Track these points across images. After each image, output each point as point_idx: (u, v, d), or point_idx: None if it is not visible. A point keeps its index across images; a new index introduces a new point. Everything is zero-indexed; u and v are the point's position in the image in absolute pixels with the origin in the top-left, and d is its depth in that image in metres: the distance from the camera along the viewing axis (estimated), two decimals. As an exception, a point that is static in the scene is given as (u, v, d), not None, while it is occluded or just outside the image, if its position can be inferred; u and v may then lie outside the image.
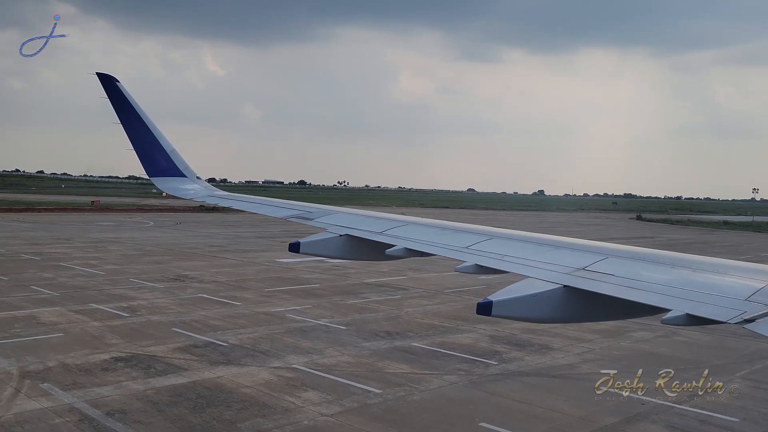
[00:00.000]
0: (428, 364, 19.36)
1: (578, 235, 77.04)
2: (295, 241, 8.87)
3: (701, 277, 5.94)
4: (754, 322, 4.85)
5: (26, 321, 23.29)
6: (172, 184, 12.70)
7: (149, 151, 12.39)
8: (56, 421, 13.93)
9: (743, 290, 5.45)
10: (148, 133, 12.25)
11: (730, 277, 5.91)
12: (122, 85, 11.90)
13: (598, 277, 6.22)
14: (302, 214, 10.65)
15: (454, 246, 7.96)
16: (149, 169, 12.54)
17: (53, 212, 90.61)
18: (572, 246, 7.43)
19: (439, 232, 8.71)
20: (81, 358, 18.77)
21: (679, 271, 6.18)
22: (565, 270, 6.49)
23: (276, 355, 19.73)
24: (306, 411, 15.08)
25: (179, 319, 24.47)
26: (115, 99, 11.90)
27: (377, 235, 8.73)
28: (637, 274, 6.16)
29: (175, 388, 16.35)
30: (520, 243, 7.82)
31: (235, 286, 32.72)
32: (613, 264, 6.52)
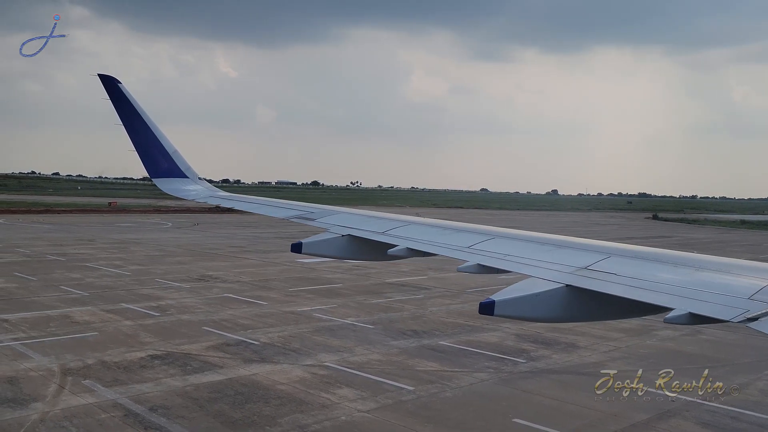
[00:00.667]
0: (457, 362, 19.64)
1: (597, 235, 77.06)
2: (297, 241, 8.94)
3: (704, 276, 5.93)
4: (757, 320, 4.83)
5: (60, 320, 23.81)
6: (174, 185, 12.74)
7: (151, 152, 12.45)
8: (102, 416, 14.37)
9: (746, 289, 5.42)
10: (150, 134, 12.30)
11: (733, 276, 5.90)
12: (124, 86, 11.99)
13: (601, 276, 6.22)
14: (304, 215, 10.71)
15: (456, 246, 7.96)
16: (151, 170, 12.61)
17: (71, 214, 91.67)
18: (574, 245, 7.42)
19: (440, 231, 8.72)
20: (118, 356, 19.23)
21: (682, 269, 6.18)
22: (567, 269, 6.49)
23: (307, 354, 20.08)
24: (342, 407, 15.42)
25: (209, 318, 24.91)
26: (117, 100, 11.97)
27: (379, 235, 8.75)
28: (640, 273, 6.16)
29: (213, 385, 16.75)
30: (522, 242, 7.82)
31: (259, 285, 33.14)
32: (615, 263, 6.52)
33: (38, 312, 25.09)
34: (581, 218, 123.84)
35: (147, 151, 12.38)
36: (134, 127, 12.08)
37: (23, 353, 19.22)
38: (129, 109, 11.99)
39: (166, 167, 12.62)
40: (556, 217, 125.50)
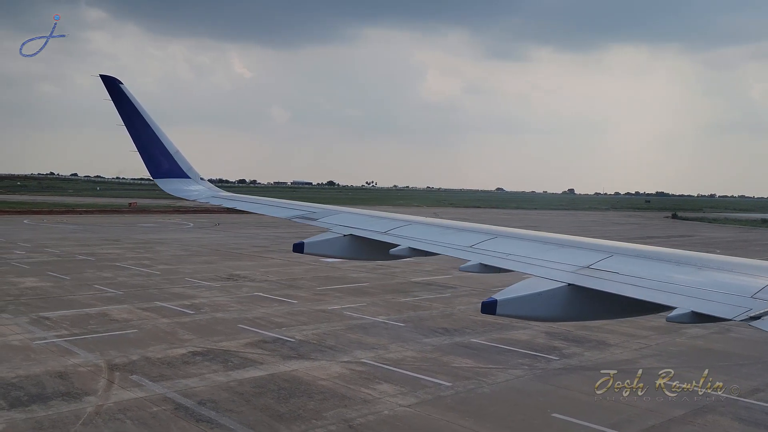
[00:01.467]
0: (491, 359, 19.98)
1: (617, 234, 76.94)
2: (300, 241, 8.94)
3: (706, 275, 5.94)
4: (759, 319, 4.82)
5: (99, 318, 24.43)
6: (175, 185, 12.74)
7: (153, 152, 12.46)
8: (154, 410, 14.88)
9: (748, 287, 5.40)
10: (152, 134, 12.32)
11: (735, 275, 5.88)
12: (126, 87, 12.01)
13: (603, 275, 6.21)
14: (306, 215, 10.71)
15: (458, 245, 7.94)
16: (153, 170, 12.60)
17: (93, 214, 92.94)
18: (576, 244, 7.40)
19: (442, 231, 8.71)
20: (160, 352, 19.77)
21: (684, 268, 6.18)
22: (569, 268, 6.48)
23: (343, 350, 20.51)
24: (384, 402, 15.83)
25: (242, 316, 25.42)
26: (119, 101, 12.00)
27: (381, 235, 8.75)
28: (642, 272, 6.16)
29: (256, 380, 17.22)
30: (524, 242, 7.81)
31: (287, 285, 33.64)
32: (617, 262, 6.51)
33: (77, 310, 25.74)
34: (599, 217, 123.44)
35: (149, 152, 12.42)
36: (136, 127, 12.14)
37: (69, 350, 19.81)
38: (131, 110, 12.05)
39: (168, 168, 12.64)
40: (575, 216, 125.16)
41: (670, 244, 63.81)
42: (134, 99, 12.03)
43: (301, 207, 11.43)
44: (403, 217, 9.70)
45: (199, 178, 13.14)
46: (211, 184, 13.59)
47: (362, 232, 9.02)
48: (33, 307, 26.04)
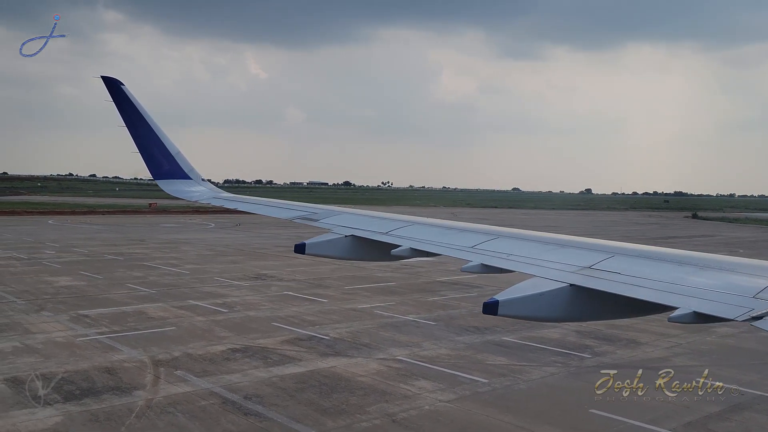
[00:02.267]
0: (524, 357, 20.26)
1: (638, 234, 76.69)
2: (301, 242, 8.96)
3: (708, 275, 5.92)
4: (761, 319, 4.81)
5: (137, 316, 25.02)
6: (177, 186, 12.75)
7: (154, 153, 12.46)
8: (202, 403, 15.35)
9: (751, 287, 5.38)
10: (153, 135, 12.33)
11: (737, 275, 5.86)
12: (127, 88, 12.05)
13: (605, 275, 6.20)
14: (307, 215, 10.74)
15: (460, 246, 7.93)
16: (154, 171, 12.61)
17: (114, 215, 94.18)
18: (578, 244, 7.40)
19: (444, 231, 8.70)
20: (200, 349, 20.27)
21: (686, 268, 6.15)
22: (571, 269, 6.48)
23: (378, 348, 20.90)
24: (424, 397, 16.19)
25: (275, 314, 25.89)
26: (120, 102, 12.03)
27: (382, 236, 8.74)
28: (644, 272, 6.15)
29: (297, 376, 17.65)
30: (525, 242, 7.80)
31: (315, 284, 34.09)
32: (619, 262, 6.50)
33: (114, 308, 26.35)
34: (618, 217, 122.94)
35: (150, 153, 12.43)
36: (137, 128, 12.17)
37: (112, 346, 20.38)
38: (132, 111, 12.07)
39: (169, 169, 12.63)
40: (594, 216, 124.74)
41: (692, 244, 63.58)
42: (135, 100, 12.10)
43: (302, 208, 11.47)
44: (404, 217, 9.70)
45: (201, 178, 13.18)
46: (212, 185, 13.61)
47: (363, 232, 9.01)
48: (71, 306, 26.69)
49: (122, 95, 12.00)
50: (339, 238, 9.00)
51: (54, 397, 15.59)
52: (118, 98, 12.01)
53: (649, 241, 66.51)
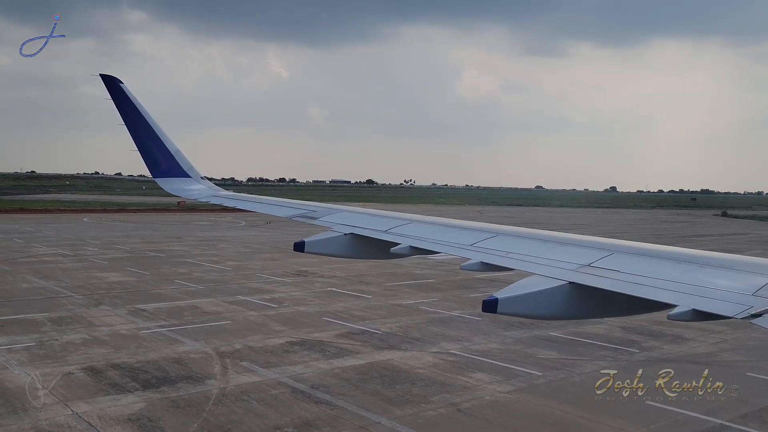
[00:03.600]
0: (573, 351, 20.76)
1: (670, 233, 76.33)
2: (300, 240, 8.90)
3: (707, 273, 5.93)
4: (761, 317, 4.83)
5: (191, 310, 25.92)
6: (176, 184, 12.74)
7: (153, 152, 12.44)
8: (273, 392, 16.12)
9: (750, 285, 5.39)
10: (152, 134, 12.30)
11: (736, 273, 5.88)
12: (126, 86, 12.01)
13: (604, 273, 6.21)
14: (307, 213, 10.75)
15: (459, 244, 7.91)
16: (154, 170, 12.59)
17: (144, 213, 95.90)
18: (577, 242, 7.41)
19: (443, 229, 8.67)
20: (259, 341, 21.07)
21: (685, 266, 6.16)
22: (570, 266, 6.48)
23: (430, 342, 21.53)
24: (483, 389, 16.80)
25: (324, 309, 26.64)
26: (119, 100, 11.99)
27: (382, 234, 8.71)
28: (643, 270, 6.16)
29: (357, 368, 18.35)
30: (524, 240, 7.81)
31: (356, 281, 34.80)
32: (618, 260, 6.50)
33: (168, 303, 27.30)
34: (646, 216, 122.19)
35: (149, 151, 12.42)
36: (136, 127, 12.14)
37: (175, 338, 21.26)
38: (131, 109, 12.04)
39: (169, 167, 12.62)
40: (621, 214, 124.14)
41: (725, 242, 63.31)
42: (134, 98, 12.07)
43: (302, 206, 11.51)
44: (403, 215, 9.70)
45: (200, 176, 13.17)
46: (211, 183, 13.62)
47: (363, 230, 8.97)
48: (126, 300, 27.70)
49: (121, 93, 11.96)
50: (338, 236, 8.95)
51: (133, 385, 16.46)
52: (117, 96, 11.99)
53: (681, 240, 66.35)
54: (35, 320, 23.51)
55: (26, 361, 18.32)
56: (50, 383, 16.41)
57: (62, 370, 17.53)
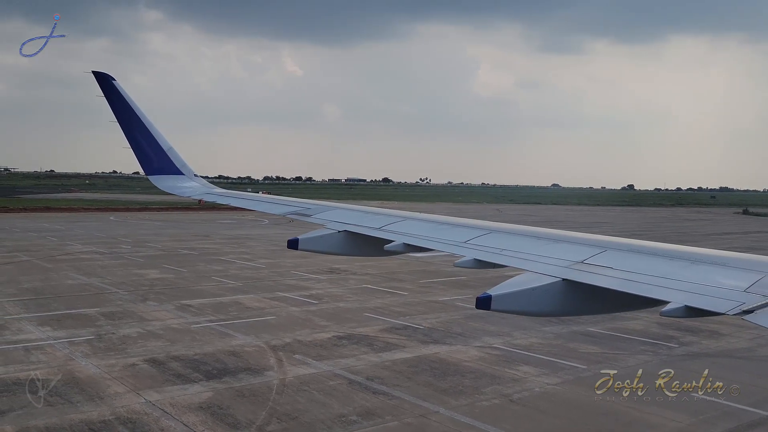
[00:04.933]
0: (614, 346, 21.26)
1: (692, 230, 76.25)
2: (294, 237, 8.94)
3: (700, 269, 5.96)
4: (753, 313, 4.87)
5: (236, 306, 26.69)
6: (169, 182, 12.78)
7: (146, 149, 12.42)
8: (331, 383, 16.81)
9: (742, 282, 5.44)
10: (145, 131, 12.29)
11: (728, 269, 5.91)
12: (118, 83, 11.95)
13: (597, 270, 6.24)
14: (300, 211, 10.80)
15: (453, 241, 7.96)
16: (146, 167, 12.59)
17: (167, 211, 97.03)
18: (570, 239, 7.44)
19: (437, 227, 8.71)
20: (307, 336, 21.77)
21: (678, 263, 6.19)
22: (563, 263, 6.51)
23: (472, 337, 22.12)
24: (531, 381, 17.37)
25: (363, 306, 27.32)
26: (112, 98, 11.95)
27: (376, 231, 8.74)
28: (636, 266, 6.18)
29: (407, 361, 18.99)
30: (518, 237, 7.83)
31: (389, 278, 35.44)
32: (611, 257, 6.54)
33: (211, 299, 28.10)
34: (667, 214, 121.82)
35: (142, 149, 12.40)
36: (129, 124, 12.12)
37: (225, 333, 22.02)
38: (124, 107, 12.00)
39: (162, 164, 12.60)
40: (641, 213, 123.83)
41: (749, 240, 63.30)
42: (127, 95, 12.04)
43: (295, 203, 11.56)
44: (397, 212, 9.78)
45: (193, 174, 13.18)
46: (204, 180, 13.61)
47: (357, 228, 9.01)
48: (170, 296, 28.53)
49: (113, 90, 11.91)
50: (332, 234, 8.97)
51: (196, 375, 17.21)
52: (110, 93, 11.95)
53: (705, 238, 66.38)
54: (88, 315, 24.38)
55: (90, 353, 19.16)
56: (117, 374, 17.21)
57: (126, 362, 18.33)
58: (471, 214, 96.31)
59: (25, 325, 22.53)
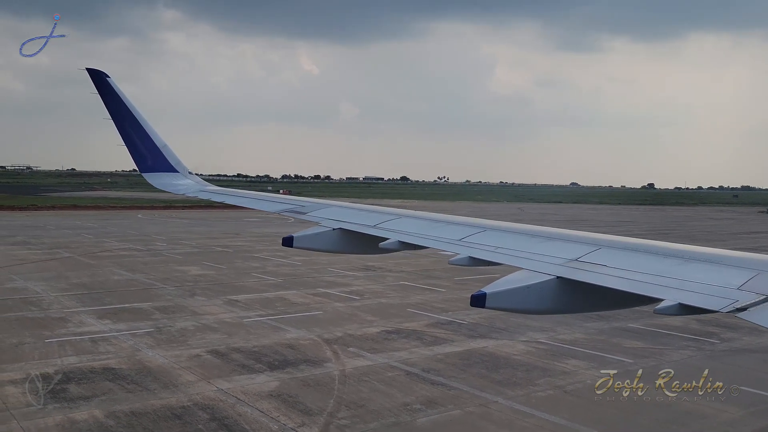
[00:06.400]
0: (657, 341, 21.78)
1: (719, 229, 76.04)
2: (289, 235, 8.95)
3: (693, 267, 5.96)
4: (746, 311, 4.89)
5: (281, 302, 27.51)
6: (164, 179, 12.72)
7: (140, 146, 12.34)
8: (389, 374, 17.53)
9: (735, 279, 5.45)
10: (139, 128, 12.21)
11: (722, 267, 5.91)
12: (113, 80, 11.87)
13: (591, 267, 6.26)
14: (295, 208, 10.77)
15: (448, 239, 7.96)
16: (141, 164, 12.49)
17: (191, 209, 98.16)
18: (565, 237, 7.44)
19: (432, 224, 8.71)
20: (357, 330, 22.51)
21: (671, 260, 6.20)
22: (558, 261, 6.52)
23: (516, 332, 22.73)
24: (582, 373, 17.97)
25: (404, 301, 28.01)
26: (106, 95, 11.87)
27: (371, 229, 8.72)
28: (630, 264, 6.21)
29: (458, 354, 19.66)
30: (513, 235, 7.83)
31: (424, 275, 36.10)
32: (605, 255, 6.56)
33: (256, 294, 28.94)
34: (690, 213, 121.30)
35: (136, 146, 12.31)
36: (123, 121, 12.06)
37: (277, 326, 22.82)
38: (118, 104, 11.93)
39: (156, 162, 12.53)
40: (664, 212, 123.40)
41: (777, 240, 63.15)
42: (121, 93, 11.96)
43: (290, 201, 11.50)
44: (392, 210, 9.78)
45: (188, 172, 13.14)
46: (199, 178, 13.55)
47: (352, 225, 8.98)
48: (216, 292, 29.42)
49: (107, 88, 11.84)
50: (327, 231, 8.93)
51: (259, 366, 18.01)
52: (104, 91, 11.86)
53: (733, 237, 66.32)
54: (142, 309, 25.32)
55: (154, 345, 20.04)
56: (185, 364, 18.05)
57: (190, 353, 19.18)
58: (492, 213, 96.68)
59: (86, 318, 23.50)
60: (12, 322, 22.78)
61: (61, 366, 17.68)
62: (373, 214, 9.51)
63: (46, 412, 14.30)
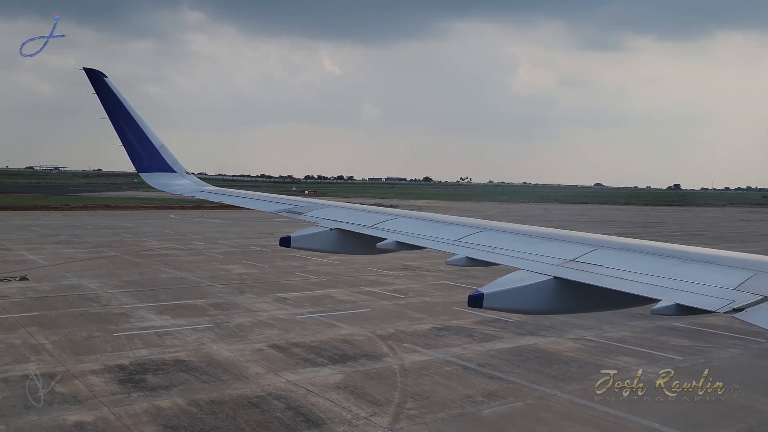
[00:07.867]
0: (703, 339, 22.18)
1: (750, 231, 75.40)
2: (286, 235, 8.99)
3: (691, 267, 5.98)
4: (743, 311, 4.89)
5: (328, 299, 28.29)
6: (161, 179, 12.73)
7: (137, 146, 12.36)
8: (447, 369, 18.19)
9: (732, 280, 5.47)
10: (137, 128, 12.23)
11: (719, 267, 5.93)
12: (110, 80, 11.90)
13: (588, 268, 6.28)
14: (292, 209, 10.84)
15: (445, 239, 7.97)
16: (138, 164, 12.51)
17: (220, 210, 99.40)
18: (562, 237, 7.47)
19: (429, 225, 8.73)
20: (408, 327, 23.20)
21: (669, 261, 6.21)
22: (555, 261, 6.55)
23: (563, 330, 23.26)
24: (634, 370, 18.42)
25: (448, 300, 28.65)
26: (103, 94, 11.89)
27: (368, 229, 8.73)
28: (627, 264, 6.22)
29: (510, 351, 20.27)
30: (510, 235, 7.84)
31: (464, 275, 36.60)
32: (602, 255, 6.58)
33: (302, 292, 29.77)
34: (719, 214, 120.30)
35: (133, 146, 12.32)
36: (120, 121, 12.06)
37: (330, 323, 23.59)
38: (115, 104, 11.97)
39: (154, 162, 12.55)
40: (693, 213, 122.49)
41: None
42: (118, 92, 11.98)
43: (287, 201, 11.55)
44: (390, 210, 9.86)
45: (185, 172, 13.15)
46: (197, 178, 13.54)
47: (349, 226, 8.99)
48: (263, 290, 30.30)
49: (105, 87, 11.86)
50: (324, 232, 8.95)
51: (321, 360, 18.79)
52: (101, 90, 11.87)
53: (765, 238, 65.88)
54: (198, 306, 26.26)
55: (217, 339, 20.92)
56: (250, 357, 18.88)
57: (252, 347, 20.02)
58: (519, 214, 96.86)
59: (146, 314, 24.49)
60: (77, 317, 23.83)
61: (134, 358, 18.61)
62: (370, 214, 9.57)
63: (132, 400, 15.20)
